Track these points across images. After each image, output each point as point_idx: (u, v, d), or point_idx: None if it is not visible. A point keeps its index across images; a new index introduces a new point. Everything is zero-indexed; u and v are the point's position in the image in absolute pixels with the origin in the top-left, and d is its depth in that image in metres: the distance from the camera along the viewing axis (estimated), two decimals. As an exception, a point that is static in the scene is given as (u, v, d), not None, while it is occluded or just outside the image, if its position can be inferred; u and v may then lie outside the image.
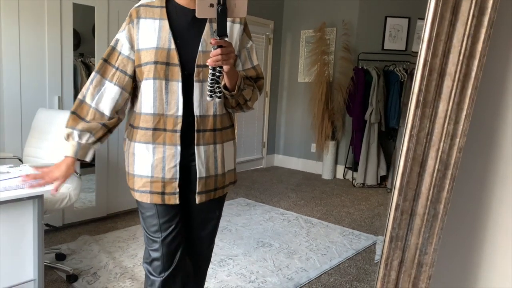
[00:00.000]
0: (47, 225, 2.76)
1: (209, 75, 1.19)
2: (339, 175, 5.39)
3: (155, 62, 1.30)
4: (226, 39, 1.16)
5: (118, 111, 1.41)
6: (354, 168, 5.04)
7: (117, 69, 1.36)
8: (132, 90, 1.41)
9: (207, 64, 1.19)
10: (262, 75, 1.50)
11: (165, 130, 1.34)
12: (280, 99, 6.07)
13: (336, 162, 5.37)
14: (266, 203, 4.15)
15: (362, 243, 3.18)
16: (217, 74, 1.19)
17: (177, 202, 1.37)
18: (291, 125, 5.96)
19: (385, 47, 5.06)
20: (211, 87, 1.20)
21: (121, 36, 1.37)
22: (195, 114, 1.34)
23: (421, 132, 0.65)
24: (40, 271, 1.67)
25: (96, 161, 3.38)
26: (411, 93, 0.65)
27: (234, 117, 1.52)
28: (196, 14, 1.12)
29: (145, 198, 1.38)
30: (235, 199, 4.22)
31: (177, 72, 1.31)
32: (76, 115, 1.37)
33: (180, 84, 1.31)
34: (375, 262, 2.86)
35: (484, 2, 0.59)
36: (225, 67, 1.21)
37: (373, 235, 3.35)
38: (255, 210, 3.89)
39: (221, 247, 2.99)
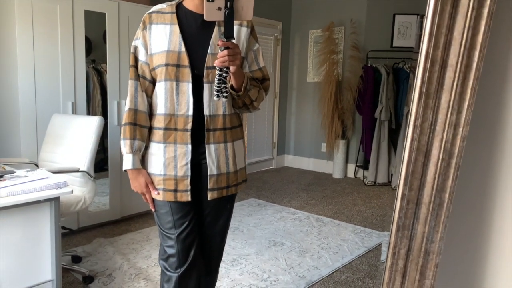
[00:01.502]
0: (63, 227, 2.82)
1: (216, 76, 1.24)
2: (350, 174, 5.38)
3: (166, 64, 1.36)
4: (233, 41, 1.20)
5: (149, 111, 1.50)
6: (365, 166, 5.03)
7: (141, 76, 1.45)
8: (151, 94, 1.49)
9: (214, 65, 1.24)
10: (268, 76, 1.54)
11: (175, 129, 1.39)
12: (289, 99, 6.08)
13: (346, 161, 5.37)
14: (277, 203, 4.16)
15: (374, 240, 3.18)
16: (224, 74, 1.24)
17: (189, 199, 1.42)
18: (301, 125, 5.97)
19: (394, 45, 5.05)
20: (218, 87, 1.24)
21: (138, 43, 1.44)
22: (205, 113, 1.40)
23: (425, 123, 0.67)
24: (58, 271, 1.71)
25: (110, 165, 3.44)
26: (414, 85, 0.67)
27: (242, 116, 1.57)
28: (205, 17, 1.16)
29: (159, 196, 1.43)
30: (246, 200, 4.24)
31: (187, 73, 1.37)
32: (137, 125, 1.44)
33: (190, 85, 1.37)
34: (381, 261, 2.86)
35: (483, -6, 0.61)
36: (232, 68, 1.25)
37: (386, 232, 3.35)
38: (266, 210, 3.91)
39: (233, 246, 3.01)
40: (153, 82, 1.44)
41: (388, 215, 3.82)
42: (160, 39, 1.38)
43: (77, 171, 2.35)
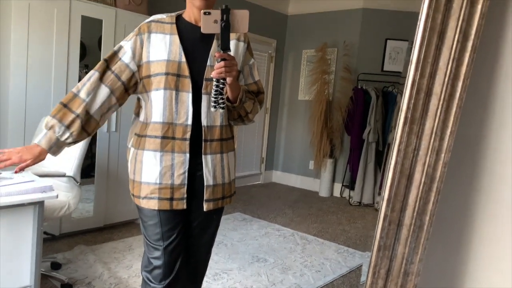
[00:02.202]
0: (45, 233, 2.78)
1: (213, 87, 1.28)
2: (336, 193, 5.41)
3: (167, 73, 1.36)
4: (229, 52, 1.24)
5: (102, 115, 1.44)
6: (351, 186, 5.07)
7: (112, 72, 1.40)
8: (122, 99, 1.45)
9: (211, 75, 1.27)
10: (262, 89, 1.58)
11: (173, 138, 1.39)
12: (280, 115, 6.13)
13: (333, 180, 5.41)
14: (263, 218, 4.16)
15: (356, 260, 3.19)
16: (221, 86, 1.27)
17: (185, 207, 1.42)
18: (290, 141, 6.01)
19: (384, 69, 5.15)
20: (215, 98, 1.28)
21: (126, 44, 1.42)
22: (202, 124, 1.41)
23: (409, 147, 0.70)
24: (37, 278, 1.68)
25: (96, 172, 3.41)
26: (400, 110, 0.70)
27: (234, 129, 1.59)
28: (202, 30, 1.21)
29: (152, 205, 1.41)
30: (232, 214, 4.23)
31: (187, 83, 1.38)
32: (67, 108, 1.38)
33: (190, 95, 1.38)
34: (361, 282, 2.87)
35: (468, 29, 0.64)
36: (228, 79, 1.28)
37: (368, 252, 3.36)
38: (251, 225, 3.90)
39: (216, 261, 3.00)
40: (125, 86, 1.42)
41: (371, 236, 3.84)
42: (159, 48, 1.38)
43: (63, 175, 2.33)
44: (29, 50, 2.91)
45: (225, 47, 1.22)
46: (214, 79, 1.27)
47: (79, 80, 3.31)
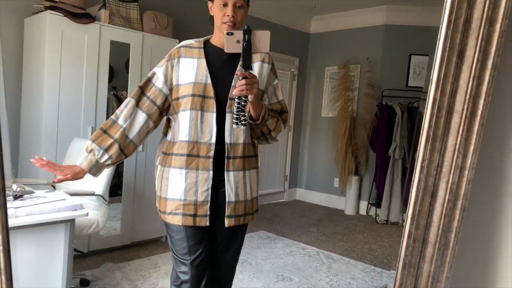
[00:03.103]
0: (75, 250, 2.84)
1: (235, 104, 1.33)
2: (362, 211, 5.33)
3: (193, 95, 1.44)
4: (250, 71, 1.30)
5: (141, 139, 1.54)
6: (378, 204, 4.99)
7: (148, 98, 1.50)
8: (157, 122, 1.55)
9: (233, 94, 1.33)
10: (286, 109, 1.63)
11: (198, 156, 1.45)
12: (303, 133, 6.13)
13: (359, 197, 5.33)
14: (287, 237, 4.13)
15: (384, 280, 3.12)
16: (242, 103, 1.32)
17: (207, 224, 1.47)
18: (314, 159, 5.99)
19: (409, 84, 5.11)
20: (237, 115, 1.33)
21: (159, 71, 1.52)
22: (225, 142, 1.46)
23: (431, 165, 0.70)
24: (68, 292, 1.73)
25: (123, 190, 3.49)
26: (422, 129, 0.70)
27: (257, 147, 1.63)
28: (225, 49, 1.28)
29: (177, 220, 1.46)
30: (255, 232, 4.22)
31: (212, 104, 1.45)
32: (106, 133, 1.49)
33: (214, 115, 1.45)
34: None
35: (488, 48, 0.65)
36: (250, 97, 1.33)
37: (393, 270, 3.28)
38: (275, 244, 3.88)
39: (241, 279, 2.99)
40: (160, 110, 1.51)
41: (398, 255, 3.75)
42: (188, 71, 1.47)
43: (93, 194, 2.40)
44: (61, 73, 3.04)
45: (246, 65, 1.28)
46: (236, 97, 1.32)
47: (108, 102, 3.44)
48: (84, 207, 1.76)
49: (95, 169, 1.48)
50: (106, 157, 1.46)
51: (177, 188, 1.46)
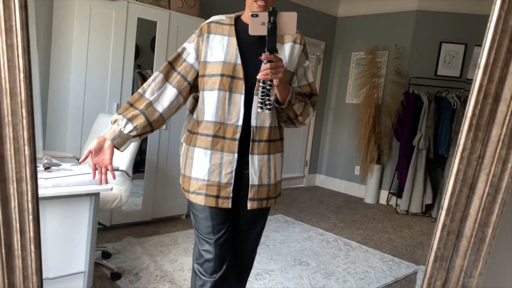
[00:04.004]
0: (98, 223, 2.91)
1: (260, 88, 1.30)
2: (382, 200, 5.27)
3: (222, 75, 1.40)
4: (276, 54, 1.24)
5: (170, 114, 1.49)
6: (399, 194, 4.92)
7: (179, 73, 1.46)
8: (187, 98, 1.51)
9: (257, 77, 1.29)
10: (315, 91, 1.58)
11: (224, 137, 1.42)
12: (326, 119, 6.06)
13: (380, 186, 5.27)
14: (305, 222, 4.13)
15: (403, 271, 3.09)
16: (267, 87, 1.28)
17: (230, 206, 1.45)
18: (336, 145, 5.92)
19: (438, 73, 4.96)
20: (261, 99, 1.30)
21: (189, 46, 1.47)
22: (251, 124, 1.43)
23: (473, 155, 0.67)
24: (91, 264, 1.77)
25: (146, 167, 3.53)
26: (464, 117, 0.67)
27: (283, 131, 1.60)
28: (249, 32, 1.23)
29: (200, 200, 1.45)
30: (274, 215, 4.23)
31: (241, 85, 1.41)
32: (131, 105, 1.45)
33: (242, 97, 1.41)
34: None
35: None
36: (275, 81, 1.29)
37: (414, 264, 3.25)
38: (293, 228, 3.88)
39: (258, 260, 3.01)
40: (191, 85, 1.48)
41: (418, 246, 3.70)
42: (217, 49, 1.42)
43: (117, 169, 2.43)
44: (89, 49, 3.07)
45: (271, 48, 1.22)
46: (260, 80, 1.29)
47: (133, 80, 3.46)
48: (109, 182, 1.78)
49: (119, 139, 1.41)
50: (130, 127, 1.42)
51: (201, 168, 1.45)
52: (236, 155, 1.42)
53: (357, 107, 5.44)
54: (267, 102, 1.30)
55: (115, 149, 1.42)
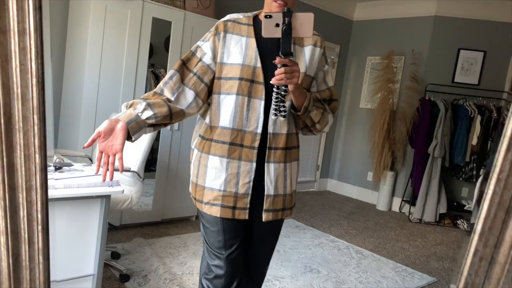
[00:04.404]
0: (108, 224, 2.90)
1: (274, 94, 1.23)
2: (395, 207, 5.19)
3: (240, 79, 1.31)
4: (290, 58, 1.16)
5: (189, 114, 1.38)
6: (412, 202, 4.83)
7: (195, 74, 1.35)
8: (206, 100, 1.40)
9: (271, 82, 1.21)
10: (335, 96, 1.50)
11: (242, 145, 1.34)
12: (339, 123, 6.00)
13: (393, 193, 5.18)
14: (316, 227, 4.08)
15: (416, 282, 3.02)
16: (282, 93, 1.21)
17: (247, 217, 1.37)
18: (348, 150, 5.85)
19: (455, 80, 4.87)
20: (276, 105, 1.23)
21: (205, 45, 1.36)
22: (268, 131, 1.34)
23: (510, 178, 0.62)
24: (100, 267, 1.75)
25: (157, 168, 3.52)
26: (503, 135, 0.62)
27: (299, 137, 1.53)
28: (263, 34, 1.15)
29: (215, 211, 1.36)
30: (285, 220, 4.18)
31: (261, 90, 1.32)
32: (146, 101, 1.28)
33: (262, 102, 1.32)
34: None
35: None
36: (290, 86, 1.22)
37: (428, 275, 3.17)
38: (304, 234, 3.83)
39: (269, 267, 2.96)
40: (209, 88, 1.37)
41: (432, 257, 3.62)
42: (235, 50, 1.33)
43: (128, 170, 2.42)
44: (103, 48, 3.06)
45: (286, 52, 1.14)
46: (274, 86, 1.21)
47: (147, 79, 3.45)
48: (120, 184, 1.76)
49: (135, 124, 1.21)
50: (149, 113, 1.24)
51: (217, 178, 1.35)
52: (254, 164, 1.34)
53: (371, 112, 5.37)
54: (282, 109, 1.23)
55: (126, 141, 1.22)
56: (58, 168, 1.76)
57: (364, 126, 5.56)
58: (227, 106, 1.34)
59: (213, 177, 1.37)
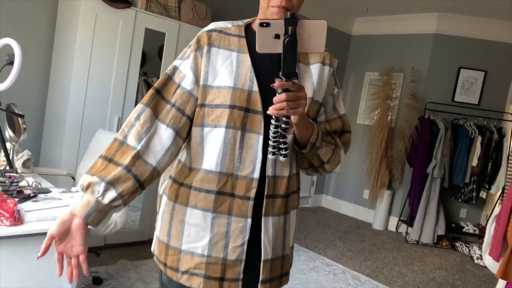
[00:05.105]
0: (89, 251, 2.70)
1: (272, 127, 0.95)
2: (391, 227, 5.04)
3: (232, 106, 1.00)
4: (295, 80, 0.87)
5: (166, 165, 1.05)
6: (410, 222, 4.69)
7: (173, 105, 1.03)
8: (187, 138, 1.08)
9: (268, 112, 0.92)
10: (349, 127, 1.20)
11: (232, 195, 1.02)
12: (335, 139, 5.85)
13: (389, 213, 5.04)
14: (311, 249, 3.91)
15: (416, 313, 2.86)
16: (283, 126, 0.96)
17: None
18: (345, 167, 5.71)
19: (455, 99, 4.77)
20: (274, 141, 0.97)
21: (184, 65, 1.05)
22: (267, 174, 1.03)
23: None
24: (75, 307, 1.57)
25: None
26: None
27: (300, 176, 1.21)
28: (257, 48, 0.86)
29: (196, 283, 1.02)
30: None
31: (258, 121, 1.01)
32: (109, 161, 0.99)
33: (261, 138, 1.01)
34: None
35: None
36: (293, 118, 0.94)
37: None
38: (298, 256, 3.67)
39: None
40: (191, 121, 1.06)
41: (431, 283, 3.47)
42: (223, 69, 1.03)
43: (113, 193, 2.24)
44: (92, 57, 2.90)
45: (289, 73, 0.85)
46: (273, 117, 0.94)
47: (138, 87, 3.28)
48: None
49: (96, 214, 0.95)
50: (112, 194, 0.96)
51: (199, 239, 1.02)
52: (249, 220, 1.02)
53: (369, 128, 5.24)
54: (282, 146, 0.97)
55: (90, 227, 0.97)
56: (33, 195, 1.58)
57: (362, 143, 5.43)
58: (213, 142, 1.02)
59: (193, 238, 1.03)
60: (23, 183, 1.73)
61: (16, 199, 1.46)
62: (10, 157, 1.95)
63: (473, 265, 4.13)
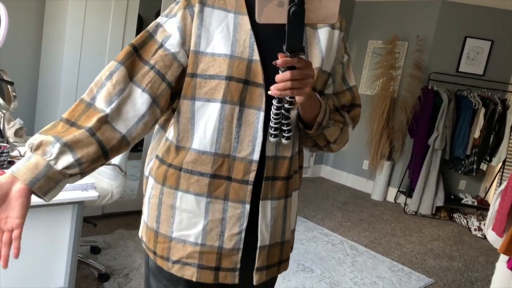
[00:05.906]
0: (87, 221, 2.68)
1: (273, 108, 0.85)
2: (390, 197, 5.04)
3: (229, 78, 0.87)
4: (301, 55, 0.76)
5: (138, 136, 0.90)
6: (408, 193, 4.68)
7: (152, 67, 0.88)
8: (167, 109, 0.96)
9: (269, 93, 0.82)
10: (359, 101, 1.08)
11: (229, 178, 0.91)
12: (336, 109, 5.78)
13: (388, 183, 5.03)
14: (310, 219, 3.92)
15: (413, 283, 2.88)
16: (286, 106, 0.85)
17: (236, 281, 0.95)
18: (344, 137, 5.66)
19: (460, 69, 4.65)
20: (276, 123, 0.86)
21: (170, 23, 0.90)
22: (266, 154, 0.92)
23: None
24: (72, 280, 1.55)
25: (144, 147, 3.27)
26: None
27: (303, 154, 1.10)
28: (257, 18, 0.74)
29: (189, 274, 0.93)
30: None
31: (259, 96, 0.89)
32: (71, 124, 0.84)
33: (261, 115, 0.89)
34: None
35: None
36: (298, 98, 0.83)
37: (425, 275, 3.04)
38: (297, 226, 3.67)
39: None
40: (173, 89, 0.92)
41: (429, 254, 3.49)
42: (218, 33, 0.88)
43: (109, 164, 2.20)
44: (85, 21, 2.78)
45: (294, 47, 0.73)
46: (275, 97, 0.83)
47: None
48: (95, 187, 1.54)
49: (45, 181, 0.77)
50: (68, 159, 0.79)
51: (192, 226, 0.92)
52: (247, 206, 0.92)
53: (370, 98, 5.15)
54: (285, 128, 0.88)
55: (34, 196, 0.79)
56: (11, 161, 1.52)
57: (363, 113, 5.32)
58: (206, 119, 0.90)
59: (185, 224, 0.93)
60: (15, 153, 1.67)
61: (6, 170, 1.41)
62: (1, 126, 1.88)
63: (471, 236, 4.15)
